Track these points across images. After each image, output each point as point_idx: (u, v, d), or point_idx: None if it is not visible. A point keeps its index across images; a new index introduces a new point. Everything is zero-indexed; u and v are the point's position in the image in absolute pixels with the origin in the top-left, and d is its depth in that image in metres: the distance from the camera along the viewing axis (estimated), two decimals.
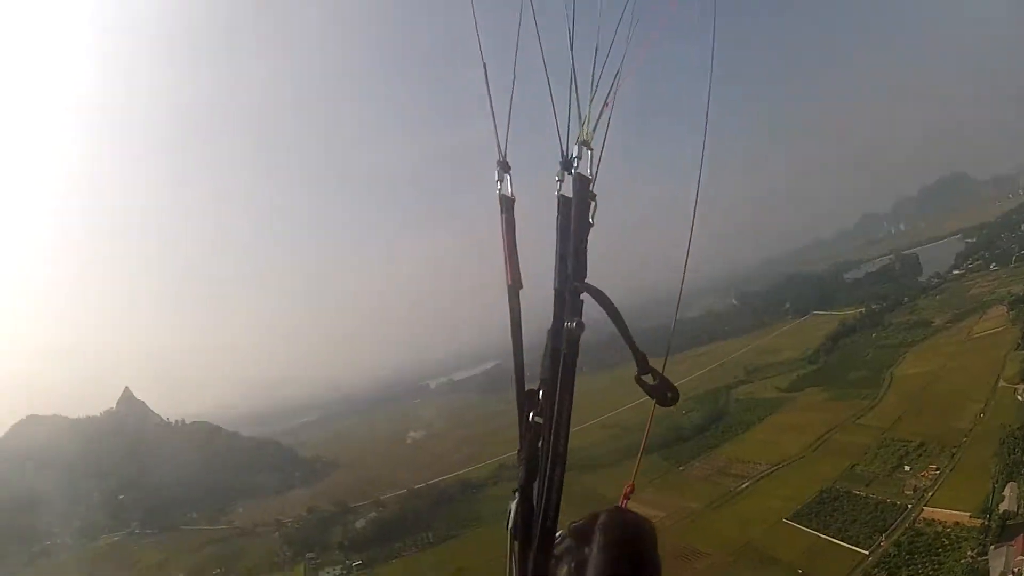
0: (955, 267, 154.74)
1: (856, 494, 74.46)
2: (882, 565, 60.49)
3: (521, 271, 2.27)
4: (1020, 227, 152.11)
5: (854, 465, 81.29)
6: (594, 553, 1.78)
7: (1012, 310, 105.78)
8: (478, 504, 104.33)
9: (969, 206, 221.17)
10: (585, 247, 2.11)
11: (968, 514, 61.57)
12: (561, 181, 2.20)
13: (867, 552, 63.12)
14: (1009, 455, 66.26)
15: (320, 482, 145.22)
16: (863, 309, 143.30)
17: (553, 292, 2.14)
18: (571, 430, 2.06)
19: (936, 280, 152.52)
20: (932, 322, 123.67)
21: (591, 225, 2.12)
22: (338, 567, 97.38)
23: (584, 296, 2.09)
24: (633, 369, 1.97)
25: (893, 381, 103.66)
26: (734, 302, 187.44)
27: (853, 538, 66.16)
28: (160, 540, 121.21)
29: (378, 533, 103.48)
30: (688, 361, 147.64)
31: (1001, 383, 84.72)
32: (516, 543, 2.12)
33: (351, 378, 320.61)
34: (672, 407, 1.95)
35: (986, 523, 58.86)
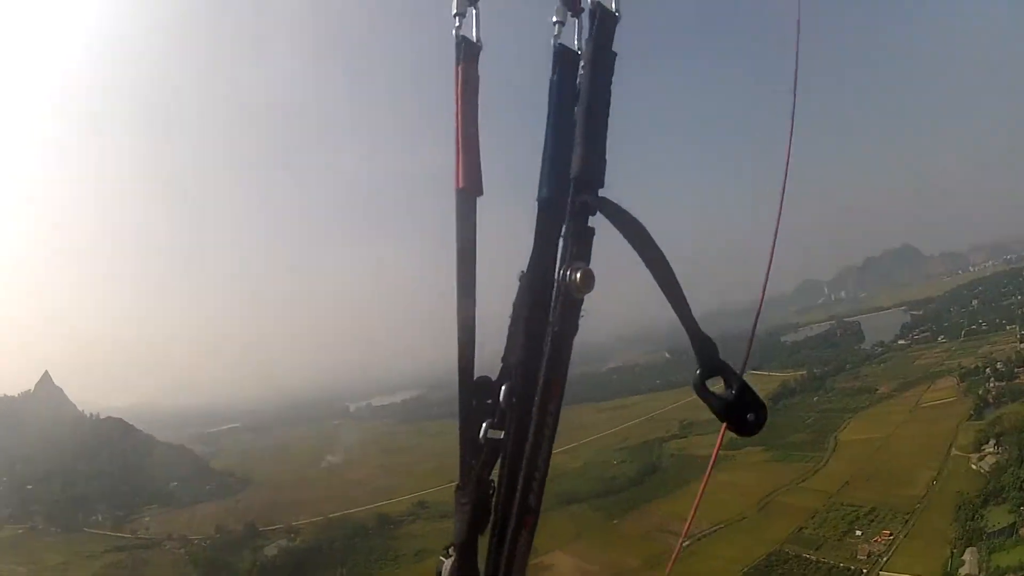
0: (900, 337, 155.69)
1: (806, 557, 72.32)
2: None
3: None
4: (971, 303, 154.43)
5: (802, 528, 79.07)
6: None
7: (963, 382, 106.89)
8: (396, 541, 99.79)
9: (916, 280, 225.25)
10: (604, 136, 1.16)
11: None
12: (562, 23, 1.28)
13: None
14: (967, 521, 68.62)
15: (231, 498, 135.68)
16: (804, 372, 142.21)
17: (537, 207, 1.22)
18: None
19: (880, 349, 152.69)
20: (877, 389, 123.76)
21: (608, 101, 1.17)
22: None
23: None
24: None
25: (838, 446, 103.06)
26: (667, 355, 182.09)
27: None
28: (63, 539, 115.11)
29: (289, 563, 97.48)
30: (611, 411, 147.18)
31: (954, 452, 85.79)
32: None
33: (274, 388, 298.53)
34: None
35: None
